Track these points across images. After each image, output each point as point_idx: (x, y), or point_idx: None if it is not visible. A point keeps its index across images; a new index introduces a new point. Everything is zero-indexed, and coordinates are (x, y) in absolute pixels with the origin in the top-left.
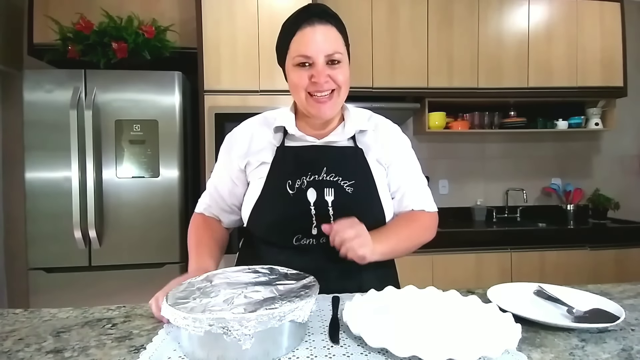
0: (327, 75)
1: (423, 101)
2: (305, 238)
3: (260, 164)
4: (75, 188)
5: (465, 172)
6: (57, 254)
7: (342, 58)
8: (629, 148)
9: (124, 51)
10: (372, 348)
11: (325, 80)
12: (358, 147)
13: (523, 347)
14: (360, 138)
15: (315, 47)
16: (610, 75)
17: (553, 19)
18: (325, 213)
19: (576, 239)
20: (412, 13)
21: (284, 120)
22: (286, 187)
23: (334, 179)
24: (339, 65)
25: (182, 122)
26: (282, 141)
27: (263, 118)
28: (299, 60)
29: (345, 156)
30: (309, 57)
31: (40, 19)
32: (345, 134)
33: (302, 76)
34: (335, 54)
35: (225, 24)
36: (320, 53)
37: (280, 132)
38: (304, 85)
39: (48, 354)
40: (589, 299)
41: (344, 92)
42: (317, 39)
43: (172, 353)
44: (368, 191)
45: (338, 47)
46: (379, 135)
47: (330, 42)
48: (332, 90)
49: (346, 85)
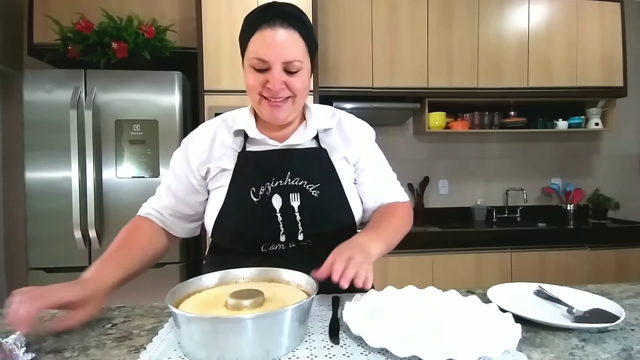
0: (283, 82)
1: (423, 101)
2: (273, 244)
3: (220, 171)
4: (75, 188)
5: (465, 172)
6: (57, 254)
7: (302, 66)
8: (629, 148)
9: (124, 51)
10: (372, 348)
11: (280, 88)
12: (322, 147)
13: (523, 347)
14: (323, 138)
15: (273, 53)
16: (610, 75)
17: (553, 19)
18: (292, 219)
19: (576, 239)
20: (412, 13)
21: (244, 124)
22: (250, 194)
23: (298, 183)
24: (298, 74)
25: (182, 122)
26: (244, 146)
27: (222, 120)
28: (255, 62)
29: (309, 158)
30: (266, 61)
31: (40, 19)
32: (307, 134)
33: (257, 79)
34: (294, 62)
35: (225, 24)
36: (278, 60)
37: (240, 136)
38: (258, 89)
39: (48, 354)
40: (589, 299)
41: (301, 100)
42: (277, 43)
43: (172, 353)
44: (335, 193)
45: (298, 54)
46: (343, 133)
47: (290, 49)
48: (287, 97)
49: (303, 92)
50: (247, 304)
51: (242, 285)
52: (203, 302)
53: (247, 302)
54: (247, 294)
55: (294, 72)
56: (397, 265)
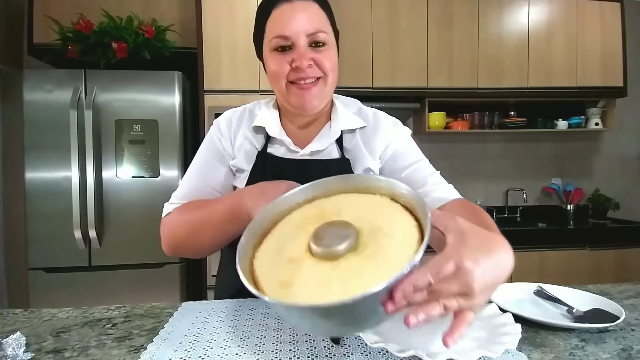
0: (311, 59)
1: (423, 101)
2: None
3: (236, 171)
4: (75, 188)
5: (465, 172)
6: (57, 254)
7: (328, 39)
8: (629, 148)
9: (124, 51)
10: (372, 348)
11: (308, 64)
12: (345, 158)
13: (523, 347)
14: (347, 142)
15: (295, 25)
16: (610, 75)
17: (553, 19)
18: None
19: (576, 239)
20: (412, 13)
21: (266, 120)
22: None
23: None
24: (325, 48)
25: (182, 122)
26: (265, 146)
27: (248, 112)
28: (276, 42)
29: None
30: (288, 37)
31: (40, 19)
32: (331, 136)
33: (280, 62)
34: (318, 33)
35: (225, 24)
36: (301, 32)
37: (261, 134)
38: (284, 73)
39: (48, 354)
40: (589, 299)
41: (332, 82)
42: (297, 15)
43: (172, 353)
44: None
45: (322, 25)
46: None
47: (312, 19)
48: (317, 78)
49: (334, 72)
50: (341, 249)
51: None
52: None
53: (342, 247)
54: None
55: (320, 47)
56: None
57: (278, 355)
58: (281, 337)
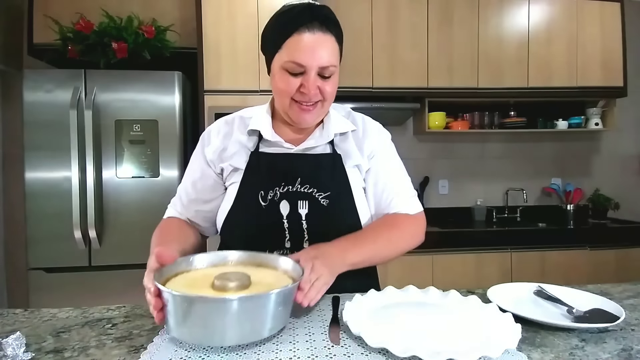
0: (317, 87)
1: (423, 101)
2: (278, 250)
3: (232, 170)
4: (75, 188)
5: (465, 172)
6: (57, 254)
7: (335, 71)
8: (629, 148)
9: (124, 51)
10: (372, 348)
11: (314, 93)
12: (336, 153)
13: (523, 347)
14: (339, 142)
15: (312, 58)
16: (610, 75)
17: (553, 19)
18: (298, 227)
19: (576, 239)
20: (412, 13)
21: (260, 124)
22: (258, 198)
23: (308, 190)
24: (330, 78)
25: (182, 122)
26: (257, 146)
27: (239, 118)
28: (290, 66)
29: (322, 165)
30: (303, 66)
31: (40, 19)
32: (323, 137)
33: (290, 83)
34: (329, 67)
35: (225, 24)
36: (315, 65)
37: (255, 136)
38: (291, 93)
39: (48, 354)
40: (589, 299)
41: (329, 104)
42: (316, 49)
43: (172, 353)
44: (344, 203)
45: (334, 59)
46: (357, 136)
47: (328, 54)
48: (317, 101)
49: (332, 96)
50: (232, 286)
51: (230, 268)
52: (190, 282)
53: (233, 284)
54: (234, 276)
55: (327, 77)
56: (397, 265)
57: (278, 355)
58: (281, 337)
